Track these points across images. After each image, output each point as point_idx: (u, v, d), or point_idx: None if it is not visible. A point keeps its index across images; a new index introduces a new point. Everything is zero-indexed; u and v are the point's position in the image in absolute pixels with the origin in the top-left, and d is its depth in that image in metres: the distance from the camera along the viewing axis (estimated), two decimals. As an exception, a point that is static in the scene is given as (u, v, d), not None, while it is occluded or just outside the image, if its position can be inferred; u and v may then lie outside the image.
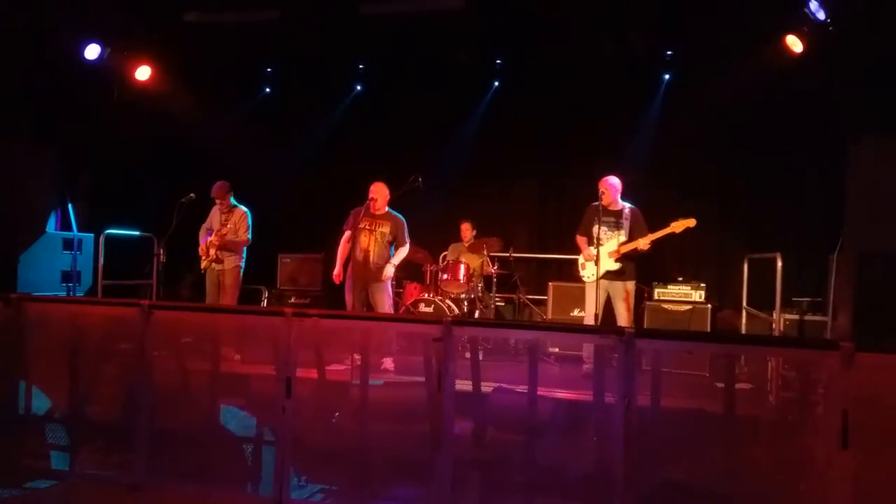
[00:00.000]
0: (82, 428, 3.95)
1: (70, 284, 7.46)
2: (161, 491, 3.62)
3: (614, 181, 5.75)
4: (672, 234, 5.50)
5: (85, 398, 3.97)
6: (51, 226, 7.73)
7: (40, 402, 4.04)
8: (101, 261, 7.15)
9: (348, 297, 5.84)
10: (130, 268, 7.59)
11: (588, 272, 5.78)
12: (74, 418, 3.96)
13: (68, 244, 7.61)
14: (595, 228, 5.59)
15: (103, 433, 3.96)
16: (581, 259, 5.90)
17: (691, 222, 5.44)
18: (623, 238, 5.68)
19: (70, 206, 7.93)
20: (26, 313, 4.01)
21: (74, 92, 7.55)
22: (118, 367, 4.00)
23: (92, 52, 7.42)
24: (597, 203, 5.64)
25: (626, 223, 5.70)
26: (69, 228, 7.85)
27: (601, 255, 5.55)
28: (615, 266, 5.65)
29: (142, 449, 3.73)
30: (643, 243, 5.55)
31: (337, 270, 5.90)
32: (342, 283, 5.90)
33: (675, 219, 5.48)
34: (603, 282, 5.61)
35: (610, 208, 5.71)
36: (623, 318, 5.63)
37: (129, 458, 3.75)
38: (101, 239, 7.21)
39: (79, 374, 3.97)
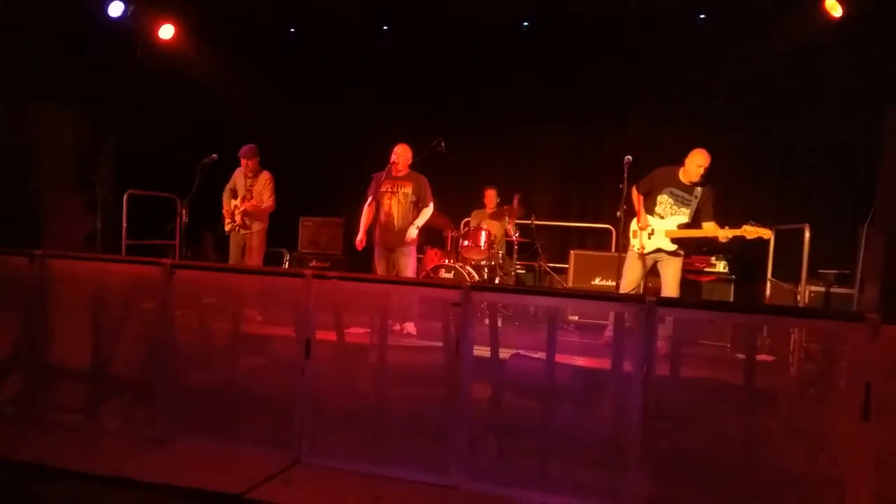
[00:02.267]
0: (105, 383, 4.03)
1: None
2: (182, 446, 3.70)
3: (704, 155, 5.25)
4: (741, 238, 5.15)
5: (108, 354, 4.03)
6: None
7: (64, 358, 4.12)
8: (125, 220, 7.22)
9: (377, 264, 5.83)
10: (153, 228, 7.66)
11: (637, 242, 5.45)
12: (98, 374, 4.03)
13: (92, 204, 7.70)
14: (662, 199, 5.31)
15: (126, 389, 4.04)
16: (634, 226, 5.52)
17: (766, 233, 5.09)
18: (685, 219, 5.33)
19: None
20: (50, 270, 4.07)
21: (98, 51, 7.54)
22: (141, 325, 4.06)
23: (115, 9, 7.39)
24: (672, 167, 5.32)
25: (694, 202, 5.31)
26: (94, 188, 7.93)
27: (658, 231, 5.31)
28: (670, 247, 5.32)
29: (164, 405, 3.80)
30: (722, 236, 5.18)
31: (360, 237, 5.88)
32: (364, 249, 5.88)
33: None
34: (649, 255, 5.37)
35: (686, 181, 5.33)
36: (670, 289, 5.33)
37: (152, 413, 3.83)
38: (125, 199, 7.27)
39: (102, 331, 4.03)
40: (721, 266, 6.33)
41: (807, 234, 5.56)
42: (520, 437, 3.47)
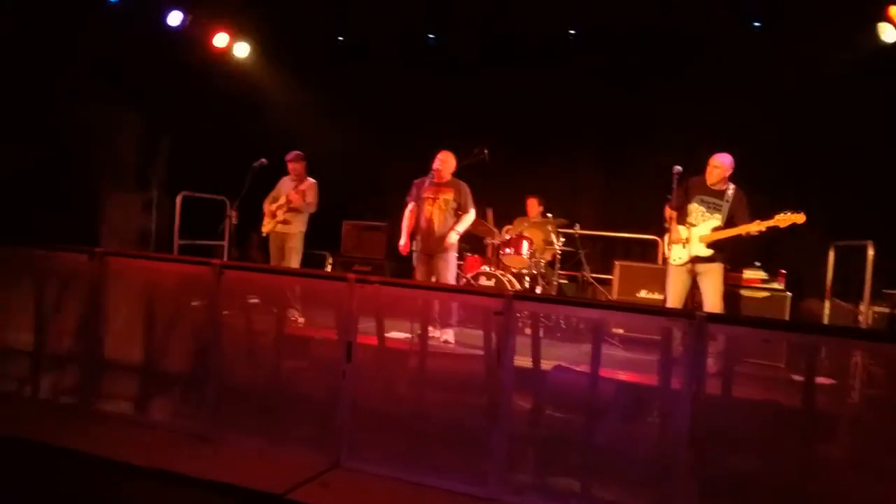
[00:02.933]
0: (155, 378, 4.14)
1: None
2: (225, 442, 3.76)
3: (726, 159, 5.23)
4: (776, 228, 4.98)
5: (159, 350, 4.14)
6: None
7: (118, 352, 4.24)
8: (178, 221, 7.40)
9: (417, 270, 5.84)
10: (204, 228, 7.84)
11: (675, 255, 5.33)
12: (148, 368, 4.14)
13: (148, 204, 7.94)
14: (693, 208, 5.24)
15: (175, 385, 4.14)
16: (668, 238, 5.44)
17: (800, 217, 4.89)
18: (718, 223, 5.22)
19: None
20: (108, 267, 4.21)
21: (158, 57, 7.79)
22: (190, 323, 4.15)
23: (174, 18, 7.65)
24: (697, 176, 5.26)
25: (726, 206, 5.22)
26: (149, 189, 8.18)
27: (693, 238, 5.20)
28: (706, 252, 5.21)
29: (210, 402, 3.87)
30: (754, 229, 5.02)
31: (403, 241, 5.89)
32: (409, 254, 5.89)
33: (780, 206, 4.95)
34: (688, 266, 5.25)
35: (713, 187, 5.27)
36: (711, 304, 5.21)
37: (198, 409, 3.90)
38: (178, 200, 7.46)
39: (154, 327, 4.15)
40: (776, 282, 6.10)
41: (870, 252, 5.31)
42: (561, 452, 3.40)
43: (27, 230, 5.89)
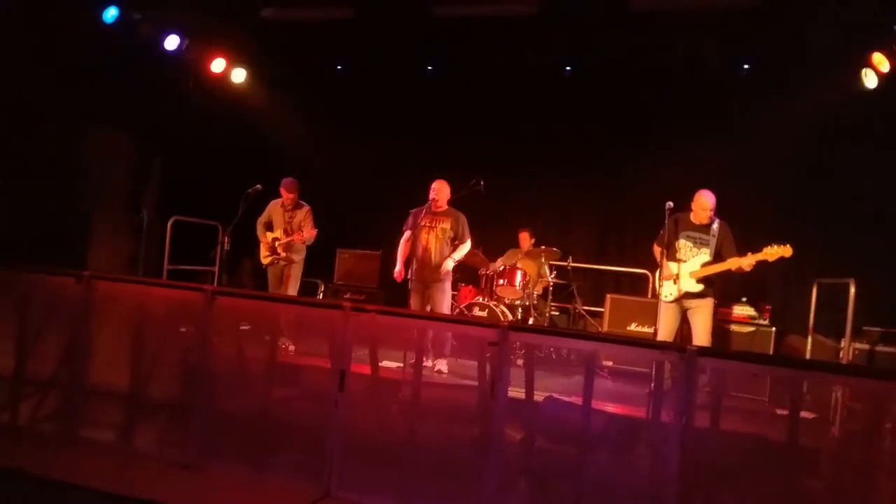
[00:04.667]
0: (141, 405, 4.07)
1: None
2: (213, 472, 3.71)
3: (709, 196, 5.33)
4: (764, 262, 5.07)
5: (146, 376, 4.08)
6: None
7: (103, 377, 4.18)
8: (168, 246, 7.38)
9: (412, 299, 5.86)
10: (194, 253, 7.82)
11: (665, 291, 5.40)
12: (135, 395, 4.08)
13: (138, 228, 7.91)
14: (681, 244, 5.32)
15: (161, 412, 4.08)
16: (658, 274, 5.55)
17: (787, 251, 4.99)
18: (707, 257, 5.30)
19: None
20: (96, 291, 4.16)
21: (153, 81, 7.84)
22: (179, 349, 4.11)
23: (171, 42, 7.69)
24: (682, 213, 5.34)
25: (713, 240, 5.31)
26: (140, 212, 8.16)
27: (683, 274, 5.26)
28: (696, 287, 5.28)
29: (197, 430, 3.82)
30: (746, 264, 5.10)
31: (398, 269, 5.93)
32: (403, 282, 5.91)
33: (767, 243, 5.05)
34: (679, 302, 5.31)
35: (698, 223, 5.37)
36: (700, 337, 5.26)
37: (185, 437, 3.85)
38: (169, 225, 7.45)
39: (141, 353, 4.09)
40: (761, 318, 6.19)
41: (852, 290, 5.42)
42: (552, 483, 3.40)
43: (15, 253, 5.86)
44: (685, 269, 5.30)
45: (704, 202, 5.31)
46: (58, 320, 4.23)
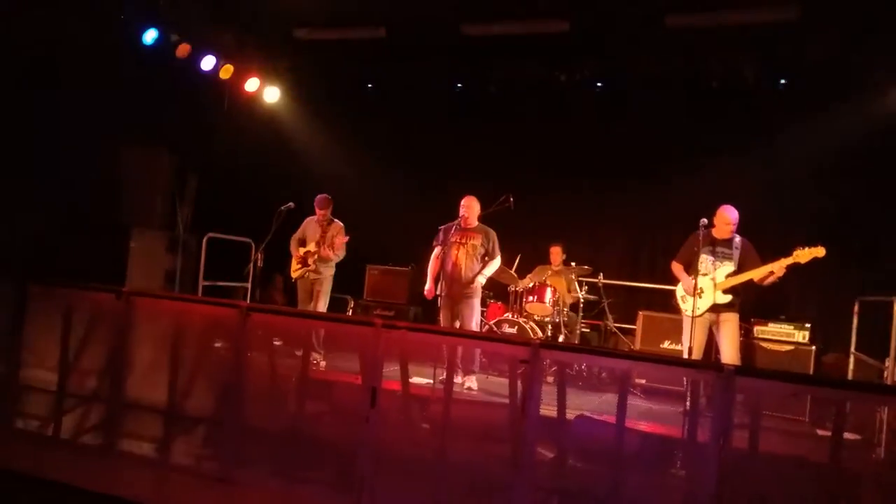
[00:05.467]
0: (178, 419, 4.14)
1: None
2: (245, 485, 3.74)
3: (732, 212, 5.29)
4: (797, 265, 4.95)
5: (182, 391, 4.15)
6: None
7: (142, 391, 4.26)
8: (203, 262, 7.51)
9: (442, 315, 5.86)
10: (229, 270, 7.94)
11: (688, 305, 5.29)
12: (172, 409, 4.15)
13: (174, 244, 8.09)
14: (703, 259, 5.24)
15: (197, 426, 4.14)
16: (679, 291, 5.50)
17: (819, 252, 4.85)
18: (731, 268, 5.23)
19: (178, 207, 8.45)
20: (135, 307, 4.27)
21: (189, 99, 8.03)
22: (214, 364, 4.18)
23: (207, 63, 7.89)
24: (706, 231, 5.26)
25: (736, 253, 5.26)
26: (176, 229, 8.34)
27: (707, 287, 5.20)
28: (725, 298, 5.19)
29: (231, 443, 3.87)
30: (777, 268, 4.97)
31: (428, 286, 5.95)
32: (433, 298, 5.92)
33: (797, 248, 4.92)
34: (705, 316, 5.22)
35: (720, 237, 5.32)
36: (728, 355, 5.15)
37: (219, 451, 3.90)
38: (204, 241, 7.58)
39: (178, 368, 4.17)
40: (800, 336, 6.04)
41: None
42: (585, 502, 3.36)
43: (57, 268, 6.04)
44: (709, 282, 5.22)
45: (727, 217, 5.27)
46: (98, 335, 4.34)
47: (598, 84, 7.96)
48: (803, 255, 4.90)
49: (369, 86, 8.90)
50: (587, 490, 3.37)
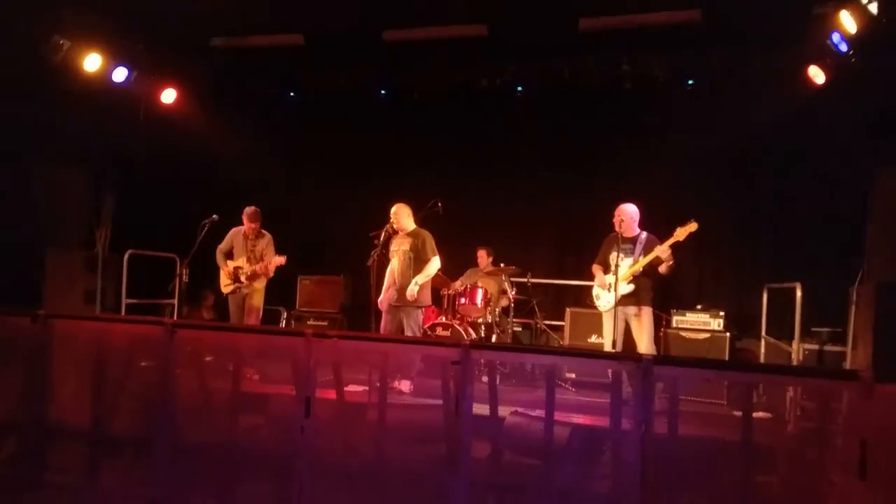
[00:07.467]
0: (105, 442, 4.00)
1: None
2: (180, 506, 3.67)
3: (630, 208, 5.70)
4: (678, 243, 5.37)
5: (108, 413, 4.02)
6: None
7: (64, 417, 4.10)
8: (126, 280, 7.27)
9: (383, 321, 5.92)
10: (153, 287, 7.70)
11: (603, 301, 5.69)
12: (97, 433, 4.01)
13: (93, 263, 7.76)
14: (612, 256, 5.56)
15: (125, 448, 4.02)
16: (595, 289, 5.82)
17: (692, 226, 5.32)
18: (634, 262, 5.58)
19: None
20: (53, 330, 4.10)
21: (102, 114, 7.73)
22: (141, 384, 4.06)
23: (119, 74, 7.59)
24: (615, 233, 5.61)
25: (639, 247, 5.60)
26: (94, 247, 8.00)
27: (612, 283, 5.50)
28: (628, 288, 5.54)
29: (162, 464, 3.78)
30: (662, 251, 5.39)
31: (382, 297, 6.02)
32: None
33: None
34: (619, 309, 5.52)
35: (626, 235, 5.65)
36: (643, 345, 5.50)
37: (150, 472, 3.80)
38: (126, 258, 7.33)
39: (102, 390, 4.03)
40: (716, 323, 6.39)
41: (798, 293, 5.66)
42: (520, 496, 3.46)
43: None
44: (614, 277, 5.52)
45: (624, 215, 5.63)
46: (14, 362, 4.14)
47: (519, 88, 8.16)
48: (681, 232, 5.34)
49: (291, 94, 8.79)
50: (521, 483, 3.48)
